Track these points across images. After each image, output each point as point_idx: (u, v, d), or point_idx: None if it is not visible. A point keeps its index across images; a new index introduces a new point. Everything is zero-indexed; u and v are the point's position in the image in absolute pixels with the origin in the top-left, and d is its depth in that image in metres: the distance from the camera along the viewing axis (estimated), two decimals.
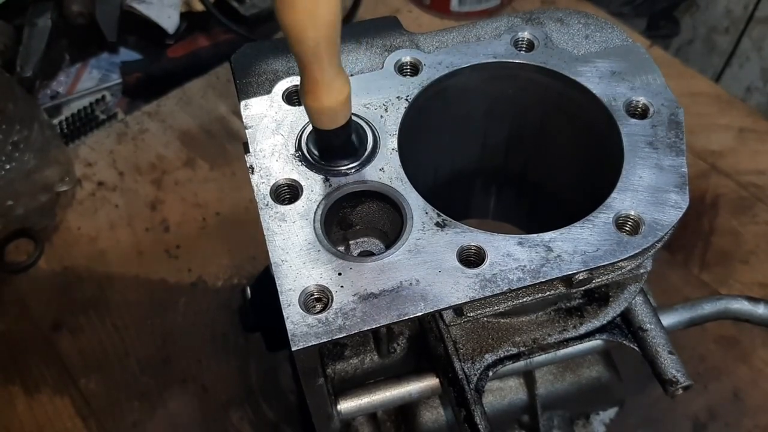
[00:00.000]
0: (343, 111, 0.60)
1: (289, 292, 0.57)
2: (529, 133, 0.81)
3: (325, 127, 0.61)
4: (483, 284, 0.57)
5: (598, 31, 0.74)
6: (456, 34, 0.74)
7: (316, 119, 0.61)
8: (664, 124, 0.67)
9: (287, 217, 0.61)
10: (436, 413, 0.81)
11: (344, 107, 0.60)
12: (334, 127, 0.61)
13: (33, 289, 1.15)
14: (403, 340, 0.74)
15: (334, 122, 0.61)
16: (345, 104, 0.60)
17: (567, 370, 0.84)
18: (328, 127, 0.61)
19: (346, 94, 0.59)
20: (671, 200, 0.62)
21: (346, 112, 0.61)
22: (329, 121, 0.60)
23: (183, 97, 1.38)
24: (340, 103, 0.59)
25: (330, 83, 0.57)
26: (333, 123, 0.61)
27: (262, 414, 1.04)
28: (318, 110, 0.59)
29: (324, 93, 0.58)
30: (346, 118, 0.61)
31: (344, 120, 0.61)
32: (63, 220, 1.22)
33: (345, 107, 0.60)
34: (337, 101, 0.59)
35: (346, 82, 0.59)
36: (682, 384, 0.68)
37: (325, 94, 0.58)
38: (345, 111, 0.61)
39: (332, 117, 0.60)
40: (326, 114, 0.60)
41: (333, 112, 0.60)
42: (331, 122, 0.61)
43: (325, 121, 0.60)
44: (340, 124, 0.61)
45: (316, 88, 0.57)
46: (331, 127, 0.61)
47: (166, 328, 1.11)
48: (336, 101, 0.59)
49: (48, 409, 1.05)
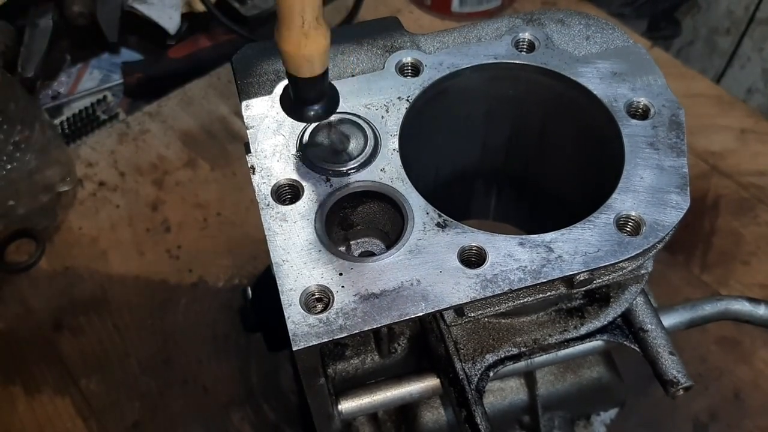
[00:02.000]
0: (321, 59, 0.59)
1: (290, 292, 0.57)
2: (529, 134, 0.81)
3: (302, 75, 0.59)
4: (484, 284, 0.57)
5: (599, 32, 0.74)
6: (457, 35, 0.74)
7: (296, 67, 0.59)
8: (665, 124, 0.67)
9: (288, 218, 0.61)
10: (437, 413, 0.81)
11: (323, 56, 0.58)
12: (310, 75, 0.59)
13: (34, 289, 1.15)
14: (404, 340, 0.74)
15: (316, 70, 0.59)
16: (324, 53, 0.58)
17: (568, 371, 0.84)
18: (305, 75, 0.59)
19: (327, 42, 0.57)
20: (672, 201, 0.62)
21: (324, 61, 0.59)
22: (310, 69, 0.59)
23: (184, 98, 1.38)
24: (325, 50, 0.57)
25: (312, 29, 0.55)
26: (314, 71, 0.59)
27: (263, 414, 1.04)
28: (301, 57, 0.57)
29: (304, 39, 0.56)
30: (323, 68, 0.60)
31: (321, 70, 0.59)
32: (64, 221, 1.22)
33: (324, 56, 0.58)
34: (322, 47, 0.57)
35: (327, 30, 0.57)
36: (682, 385, 0.68)
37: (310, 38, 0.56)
38: (323, 60, 0.59)
39: (314, 64, 0.58)
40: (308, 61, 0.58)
41: (315, 59, 0.58)
42: (312, 70, 0.59)
43: (306, 68, 0.58)
44: (317, 73, 0.59)
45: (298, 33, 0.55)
46: (307, 76, 0.59)
47: (166, 329, 1.11)
48: (321, 47, 0.57)
49: (48, 409, 1.05)
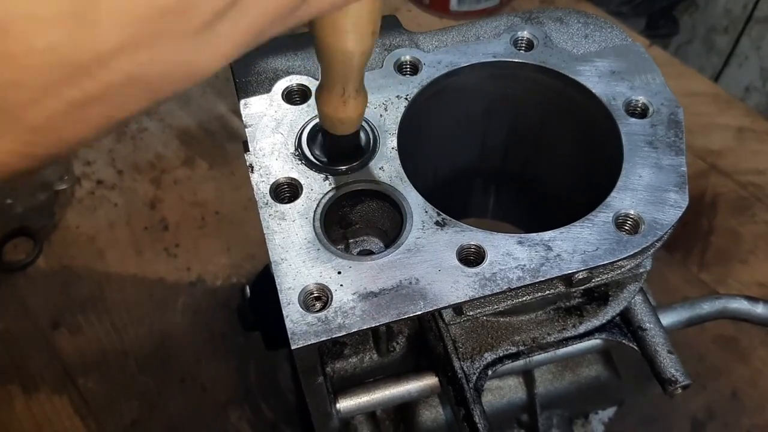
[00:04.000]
0: (356, 123, 0.60)
1: (289, 290, 0.57)
2: (528, 133, 0.81)
3: (339, 132, 0.60)
4: (483, 283, 0.57)
5: (598, 30, 0.74)
6: (455, 34, 0.74)
7: (331, 126, 0.60)
8: (663, 123, 0.67)
9: (287, 216, 0.61)
10: (435, 412, 0.81)
11: (359, 120, 0.60)
12: (347, 133, 0.60)
13: (31, 287, 1.15)
14: (403, 338, 0.74)
15: (350, 130, 0.60)
16: (360, 118, 0.59)
17: (566, 370, 0.84)
18: (338, 133, 0.60)
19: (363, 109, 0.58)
20: (671, 199, 0.62)
21: (359, 123, 0.60)
22: (344, 129, 0.60)
23: (182, 96, 1.37)
24: (361, 114, 0.59)
25: (352, 98, 0.56)
26: (348, 130, 0.60)
27: (261, 413, 1.04)
28: (338, 120, 0.58)
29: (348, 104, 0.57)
30: (357, 127, 0.61)
31: (355, 129, 0.61)
32: (62, 219, 1.21)
33: (359, 120, 0.60)
34: (359, 113, 0.58)
35: (365, 97, 0.58)
36: (681, 383, 0.68)
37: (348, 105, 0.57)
38: (358, 122, 0.60)
39: (349, 126, 0.60)
40: (344, 123, 0.59)
41: (351, 122, 0.59)
42: (347, 130, 0.60)
43: (341, 128, 0.60)
44: (353, 131, 0.61)
45: (337, 100, 0.56)
46: (340, 134, 0.60)
47: (164, 328, 1.10)
48: (358, 113, 0.58)
49: (46, 408, 1.04)
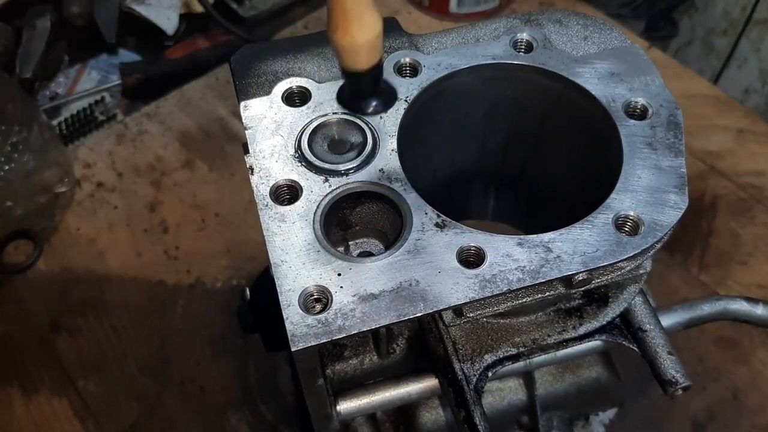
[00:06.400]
0: (376, 47, 0.57)
1: (289, 292, 0.57)
2: (528, 134, 0.81)
3: (357, 67, 0.58)
4: (483, 285, 0.57)
5: (597, 32, 0.74)
6: (455, 36, 0.74)
7: (348, 58, 0.57)
8: (663, 125, 0.67)
9: (287, 218, 0.61)
10: (436, 414, 0.81)
11: (377, 42, 0.57)
12: (365, 67, 0.58)
13: (32, 290, 1.15)
14: (403, 340, 0.74)
15: (367, 61, 0.58)
16: (378, 39, 0.57)
17: (566, 371, 0.84)
18: (359, 67, 0.58)
19: (380, 29, 0.56)
20: (670, 201, 0.62)
21: (379, 48, 0.58)
22: (361, 60, 0.57)
23: (182, 99, 1.38)
24: (374, 38, 0.56)
25: (363, 17, 0.54)
26: (366, 62, 0.58)
27: (261, 415, 1.04)
28: (350, 47, 0.56)
29: (357, 28, 0.54)
30: (378, 57, 0.58)
31: (376, 59, 0.58)
32: (62, 221, 1.21)
33: (378, 43, 0.57)
34: (371, 36, 0.56)
35: (379, 16, 0.56)
36: (681, 384, 0.68)
37: (357, 28, 0.54)
38: (378, 47, 0.57)
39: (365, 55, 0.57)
40: (359, 51, 0.56)
41: (366, 49, 0.56)
42: (364, 61, 0.57)
43: (358, 59, 0.57)
44: (372, 63, 0.58)
45: (349, 22, 0.54)
46: (362, 68, 0.58)
47: (164, 330, 1.10)
48: (370, 36, 0.56)
49: (46, 410, 1.04)
